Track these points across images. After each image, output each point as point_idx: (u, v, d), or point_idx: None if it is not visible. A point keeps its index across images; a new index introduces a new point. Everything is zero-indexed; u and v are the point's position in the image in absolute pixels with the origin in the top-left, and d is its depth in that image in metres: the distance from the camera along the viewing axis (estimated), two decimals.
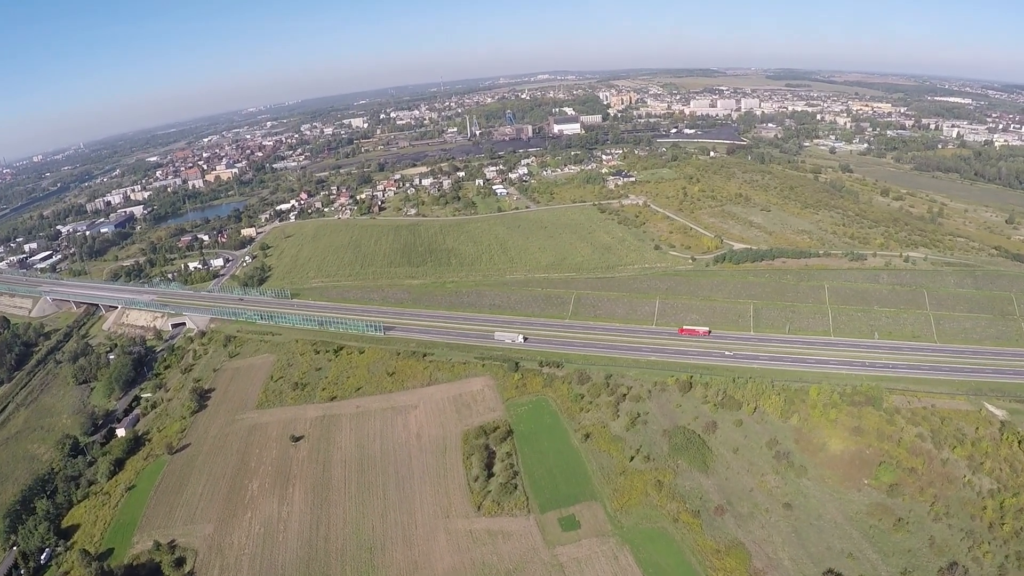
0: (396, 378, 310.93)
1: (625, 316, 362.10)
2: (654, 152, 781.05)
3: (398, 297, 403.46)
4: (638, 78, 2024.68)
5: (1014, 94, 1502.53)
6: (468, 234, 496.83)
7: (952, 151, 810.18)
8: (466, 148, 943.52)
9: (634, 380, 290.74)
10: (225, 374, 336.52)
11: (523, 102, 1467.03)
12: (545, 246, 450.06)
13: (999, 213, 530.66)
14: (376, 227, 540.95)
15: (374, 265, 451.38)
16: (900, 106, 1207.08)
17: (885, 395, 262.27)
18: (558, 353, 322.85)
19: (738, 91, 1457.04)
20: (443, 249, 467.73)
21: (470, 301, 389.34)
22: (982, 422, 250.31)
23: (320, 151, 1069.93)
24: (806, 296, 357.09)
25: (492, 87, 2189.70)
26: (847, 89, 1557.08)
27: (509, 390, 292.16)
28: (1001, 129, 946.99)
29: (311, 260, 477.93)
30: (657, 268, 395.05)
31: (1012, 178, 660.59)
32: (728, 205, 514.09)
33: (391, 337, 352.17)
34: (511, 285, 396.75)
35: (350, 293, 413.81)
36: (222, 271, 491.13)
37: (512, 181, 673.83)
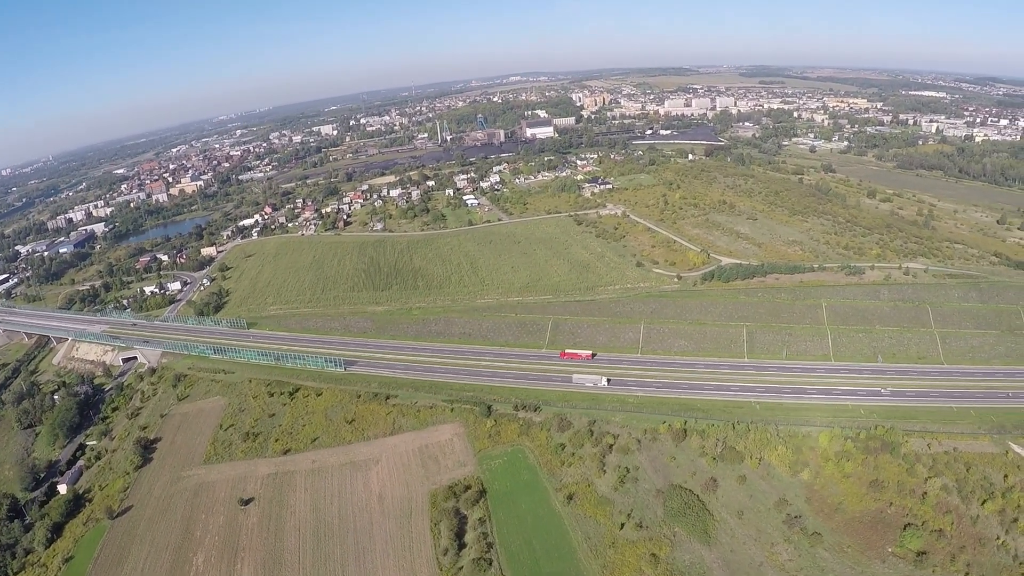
0: (356, 426, 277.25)
1: (607, 344, 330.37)
2: (630, 156, 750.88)
3: (361, 326, 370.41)
4: (611, 78, 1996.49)
5: (987, 86, 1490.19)
6: (437, 252, 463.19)
7: (933, 147, 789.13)
8: (436, 155, 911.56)
9: (621, 426, 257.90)
10: (173, 421, 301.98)
11: (495, 105, 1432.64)
12: (518, 264, 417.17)
13: (989, 213, 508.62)
14: (340, 244, 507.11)
15: (336, 289, 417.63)
16: (876, 101, 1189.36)
17: (902, 439, 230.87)
18: (535, 391, 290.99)
19: (712, 89, 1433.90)
20: (410, 270, 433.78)
21: (438, 330, 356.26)
22: (1010, 467, 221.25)
23: (287, 161, 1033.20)
24: (803, 316, 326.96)
25: (464, 90, 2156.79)
26: (821, 85, 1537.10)
27: (481, 439, 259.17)
28: (979, 123, 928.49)
29: (271, 284, 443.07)
30: (640, 288, 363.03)
31: (997, 174, 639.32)
32: (712, 213, 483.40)
33: (352, 375, 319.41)
34: (482, 311, 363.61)
35: (310, 322, 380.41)
36: (179, 296, 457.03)
37: (484, 190, 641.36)
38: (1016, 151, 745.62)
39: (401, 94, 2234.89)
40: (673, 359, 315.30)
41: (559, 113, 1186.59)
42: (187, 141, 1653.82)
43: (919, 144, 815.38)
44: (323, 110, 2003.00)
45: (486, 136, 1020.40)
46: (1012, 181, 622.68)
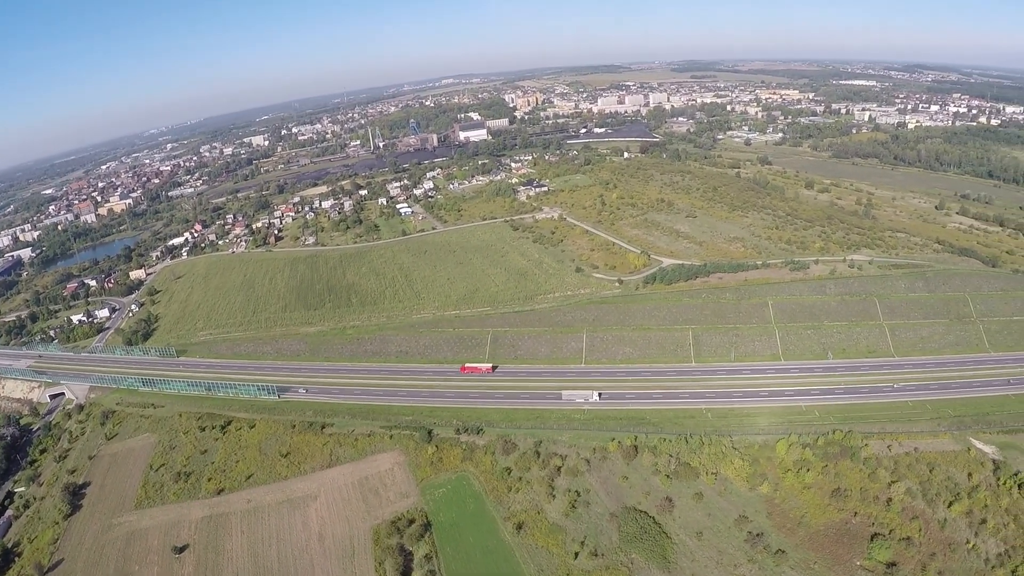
0: (292, 460, 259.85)
1: (549, 356, 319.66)
2: (565, 156, 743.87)
3: (294, 349, 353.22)
4: (543, 78, 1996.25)
5: (916, 74, 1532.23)
6: (370, 265, 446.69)
7: (867, 135, 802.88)
8: (369, 162, 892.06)
9: (568, 446, 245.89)
10: (102, 462, 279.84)
11: (427, 109, 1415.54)
12: (455, 276, 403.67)
13: (927, 199, 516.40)
14: (271, 261, 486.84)
15: (268, 310, 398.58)
16: (808, 92, 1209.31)
17: (861, 442, 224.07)
18: (478, 411, 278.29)
19: (645, 86, 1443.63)
20: (343, 286, 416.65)
21: (374, 349, 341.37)
22: (973, 465, 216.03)
23: (218, 174, 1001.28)
24: (749, 316, 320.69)
25: (396, 95, 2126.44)
26: (752, 78, 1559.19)
27: (423, 467, 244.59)
28: (911, 110, 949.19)
29: (200, 307, 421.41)
30: (581, 295, 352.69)
31: (932, 160, 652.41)
32: (650, 213, 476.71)
33: (286, 402, 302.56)
34: (419, 327, 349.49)
35: (241, 347, 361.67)
36: (107, 324, 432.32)
37: (417, 198, 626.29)
38: (949, 136, 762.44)
39: (333, 101, 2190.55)
40: (618, 368, 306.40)
41: (492, 115, 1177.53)
42: (117, 157, 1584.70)
43: (853, 133, 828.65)
44: (254, 120, 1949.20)
45: (419, 141, 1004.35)
46: (947, 166, 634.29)
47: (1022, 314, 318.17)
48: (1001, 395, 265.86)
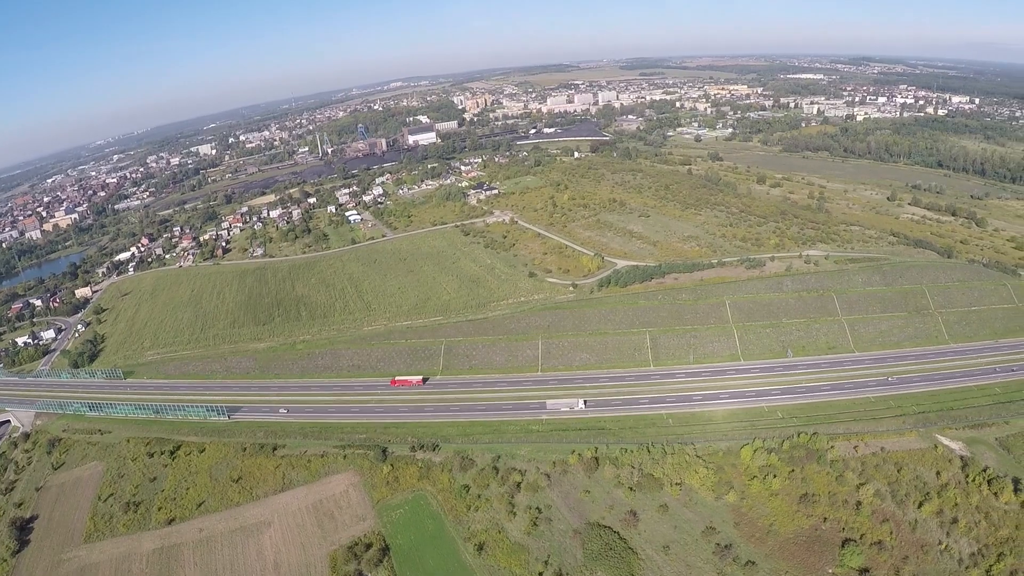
0: (244, 485, 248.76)
1: (505, 364, 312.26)
2: (515, 158, 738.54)
3: (243, 367, 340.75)
4: (492, 79, 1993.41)
5: (862, 66, 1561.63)
6: (320, 276, 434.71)
7: (816, 128, 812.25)
8: (318, 169, 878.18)
9: (527, 460, 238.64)
10: (49, 494, 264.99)
11: (376, 113, 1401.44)
12: (406, 285, 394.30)
13: (879, 190, 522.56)
14: (219, 275, 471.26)
15: (216, 326, 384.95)
16: (756, 87, 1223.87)
17: (827, 444, 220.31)
18: (433, 425, 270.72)
19: (594, 84, 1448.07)
20: (292, 299, 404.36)
21: (325, 364, 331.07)
22: (941, 462, 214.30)
23: (165, 185, 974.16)
24: (706, 316, 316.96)
25: (345, 99, 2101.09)
26: (701, 74, 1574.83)
27: (379, 487, 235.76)
28: (859, 102, 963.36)
29: (147, 325, 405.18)
30: (535, 301, 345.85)
31: (882, 151, 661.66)
32: (603, 213, 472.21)
33: (237, 423, 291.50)
34: (371, 339, 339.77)
35: (190, 366, 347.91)
36: (53, 345, 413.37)
37: (367, 204, 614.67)
38: (898, 127, 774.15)
39: (281, 107, 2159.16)
40: (576, 374, 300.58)
41: (441, 117, 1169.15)
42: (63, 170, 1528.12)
43: (802, 126, 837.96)
44: (202, 128, 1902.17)
45: (368, 146, 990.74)
46: (897, 157, 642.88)
47: (979, 304, 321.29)
48: (963, 387, 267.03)
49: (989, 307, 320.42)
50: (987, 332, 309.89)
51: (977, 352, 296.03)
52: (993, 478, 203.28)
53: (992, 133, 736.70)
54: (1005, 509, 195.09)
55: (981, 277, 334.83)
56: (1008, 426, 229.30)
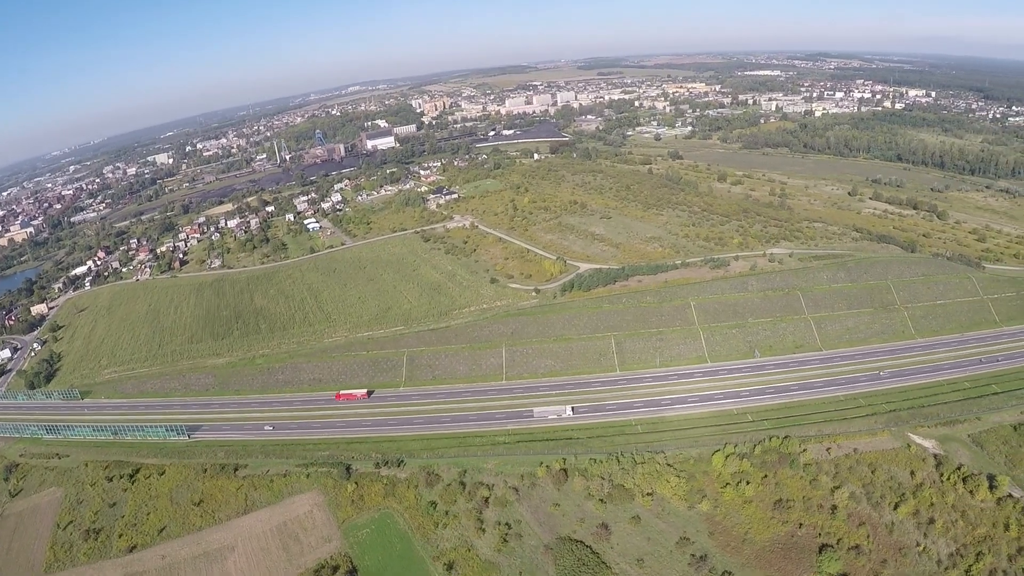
0: (205, 508, 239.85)
1: (468, 374, 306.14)
2: (475, 161, 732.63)
3: (203, 383, 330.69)
4: (450, 81, 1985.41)
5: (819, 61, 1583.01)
6: (279, 287, 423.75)
7: (775, 125, 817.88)
8: (276, 176, 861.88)
9: (495, 474, 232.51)
10: (7, 523, 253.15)
11: (334, 119, 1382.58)
12: (366, 294, 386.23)
13: (840, 185, 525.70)
14: (177, 288, 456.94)
15: (174, 342, 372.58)
16: (714, 84, 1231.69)
17: (799, 447, 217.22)
18: (397, 439, 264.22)
19: (552, 85, 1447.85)
20: (251, 311, 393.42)
21: (286, 379, 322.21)
22: (915, 461, 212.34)
23: (122, 196, 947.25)
24: (672, 319, 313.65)
25: (303, 104, 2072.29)
26: (659, 72, 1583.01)
27: (344, 507, 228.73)
28: (816, 98, 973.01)
29: (105, 342, 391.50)
30: (497, 308, 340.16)
31: (841, 146, 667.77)
32: (564, 216, 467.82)
33: (197, 443, 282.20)
34: (331, 352, 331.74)
35: (148, 384, 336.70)
36: (9, 365, 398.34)
37: (325, 212, 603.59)
38: (856, 122, 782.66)
39: (239, 113, 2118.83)
40: (541, 382, 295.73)
41: (400, 121, 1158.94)
42: (19, 183, 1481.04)
43: (761, 123, 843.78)
44: (159, 137, 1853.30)
45: (326, 152, 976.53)
46: (856, 152, 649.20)
47: (945, 298, 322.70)
48: (932, 382, 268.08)
49: (954, 301, 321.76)
50: (953, 326, 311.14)
51: (944, 346, 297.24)
52: (968, 476, 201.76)
53: (950, 126, 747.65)
54: (981, 507, 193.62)
55: (945, 271, 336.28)
56: (980, 422, 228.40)
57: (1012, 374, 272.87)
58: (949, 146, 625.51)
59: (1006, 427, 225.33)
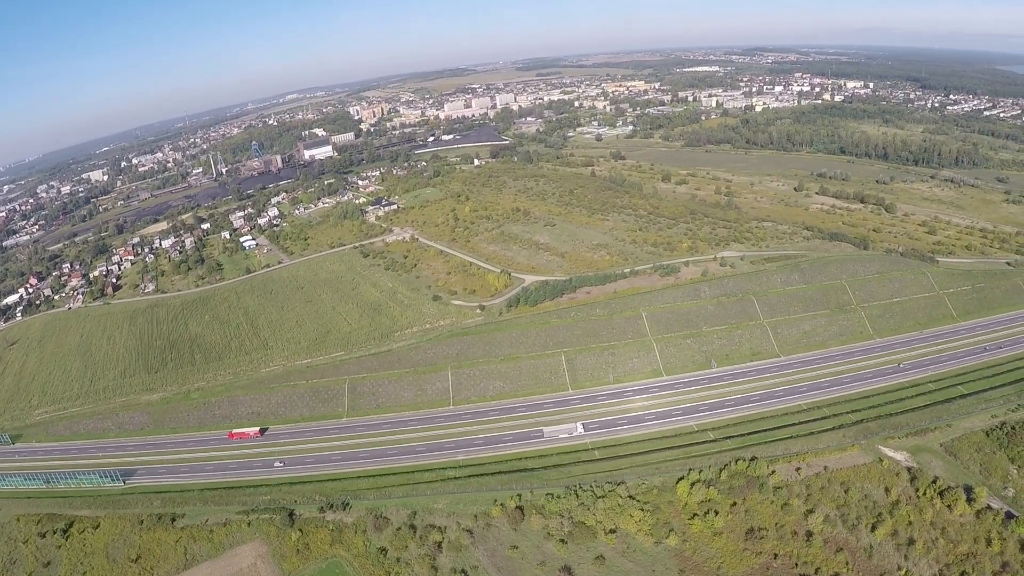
0: (144, 565, 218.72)
1: (414, 400, 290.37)
2: (414, 169, 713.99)
3: (137, 422, 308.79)
4: (388, 87, 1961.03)
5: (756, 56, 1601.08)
6: (214, 312, 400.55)
7: (717, 121, 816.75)
8: (212, 191, 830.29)
9: (447, 514, 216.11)
10: None
11: (271, 129, 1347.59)
12: (304, 317, 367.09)
13: (785, 181, 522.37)
14: (109, 316, 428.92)
15: (107, 376, 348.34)
16: (653, 82, 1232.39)
17: (767, 469, 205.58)
18: (342, 478, 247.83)
19: (491, 87, 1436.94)
20: (186, 340, 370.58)
21: (223, 414, 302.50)
22: (888, 477, 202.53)
23: (55, 217, 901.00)
24: (623, 331, 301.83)
25: (240, 115, 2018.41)
26: (598, 71, 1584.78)
27: (289, 558, 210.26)
28: (756, 92, 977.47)
29: (36, 378, 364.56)
30: (441, 327, 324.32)
31: (784, 141, 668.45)
32: (507, 224, 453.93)
33: (132, 489, 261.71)
34: (269, 382, 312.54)
35: (80, 424, 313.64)
36: None
37: (262, 228, 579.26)
38: (797, 116, 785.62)
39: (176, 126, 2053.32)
40: (490, 406, 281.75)
41: (337, 129, 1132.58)
42: None
43: (703, 120, 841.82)
44: (95, 152, 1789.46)
45: (263, 164, 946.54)
46: (799, 146, 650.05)
47: (901, 295, 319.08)
48: (895, 383, 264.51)
49: (911, 297, 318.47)
50: (911, 323, 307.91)
51: (904, 345, 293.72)
52: (945, 489, 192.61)
53: (890, 117, 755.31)
54: (961, 522, 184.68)
55: (900, 267, 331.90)
56: (951, 429, 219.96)
57: (975, 371, 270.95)
58: (892, 137, 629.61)
59: (978, 433, 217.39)
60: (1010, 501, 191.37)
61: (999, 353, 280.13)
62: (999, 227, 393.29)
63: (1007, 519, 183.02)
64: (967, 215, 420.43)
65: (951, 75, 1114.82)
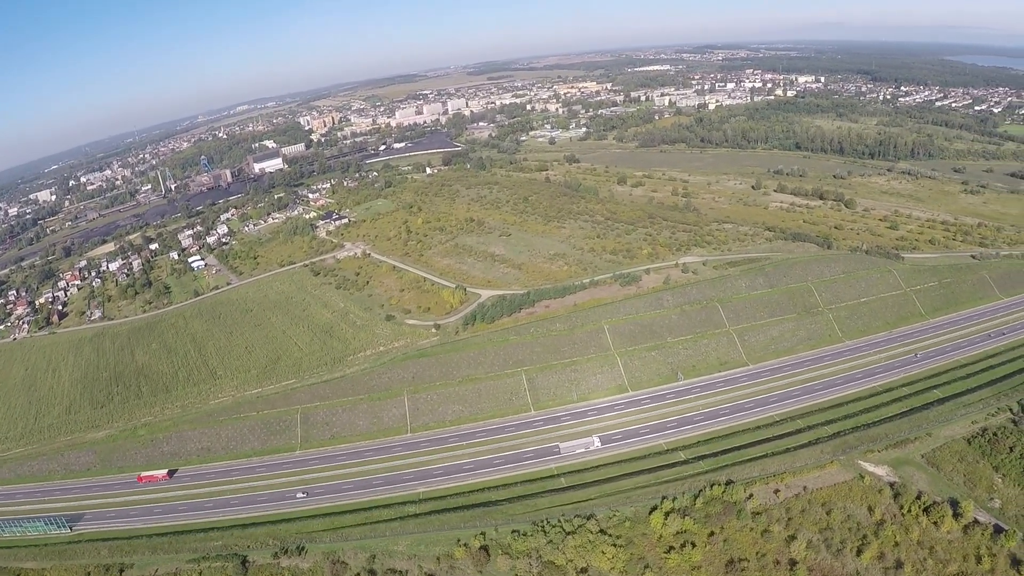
0: None
1: (370, 429, 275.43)
2: (365, 180, 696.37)
3: (83, 462, 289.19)
4: (339, 95, 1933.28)
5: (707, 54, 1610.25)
6: (161, 339, 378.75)
7: (671, 120, 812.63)
8: (161, 209, 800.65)
9: (408, 557, 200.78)
10: None
11: (221, 142, 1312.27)
12: (253, 342, 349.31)
13: (742, 179, 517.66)
14: (55, 347, 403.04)
15: (51, 413, 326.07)
16: (605, 82, 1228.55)
17: (744, 493, 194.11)
18: (297, 519, 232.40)
19: (443, 93, 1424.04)
20: (132, 371, 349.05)
21: (171, 451, 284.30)
22: (870, 494, 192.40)
23: (2, 241, 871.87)
24: (585, 346, 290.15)
25: (190, 128, 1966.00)
26: (549, 73, 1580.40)
27: None
28: (708, 90, 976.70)
29: None
30: (395, 349, 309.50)
31: (739, 138, 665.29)
32: (460, 236, 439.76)
33: (80, 536, 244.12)
34: (218, 415, 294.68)
35: (25, 466, 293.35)
36: None
37: (211, 246, 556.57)
38: (751, 112, 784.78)
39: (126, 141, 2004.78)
40: (449, 431, 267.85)
41: (288, 140, 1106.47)
42: None
43: (656, 119, 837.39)
44: (43, 171, 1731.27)
45: (212, 179, 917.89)
46: (755, 143, 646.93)
47: (868, 295, 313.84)
48: (867, 388, 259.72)
49: (878, 296, 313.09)
50: (880, 323, 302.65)
51: (874, 347, 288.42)
52: (930, 505, 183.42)
53: (844, 110, 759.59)
54: (949, 539, 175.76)
55: (866, 266, 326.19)
56: (931, 439, 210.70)
57: (948, 371, 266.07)
58: (847, 131, 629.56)
59: (959, 442, 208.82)
60: (997, 513, 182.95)
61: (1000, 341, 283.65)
62: (960, 219, 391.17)
63: (996, 533, 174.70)
64: (927, 207, 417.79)
65: (901, 67, 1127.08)
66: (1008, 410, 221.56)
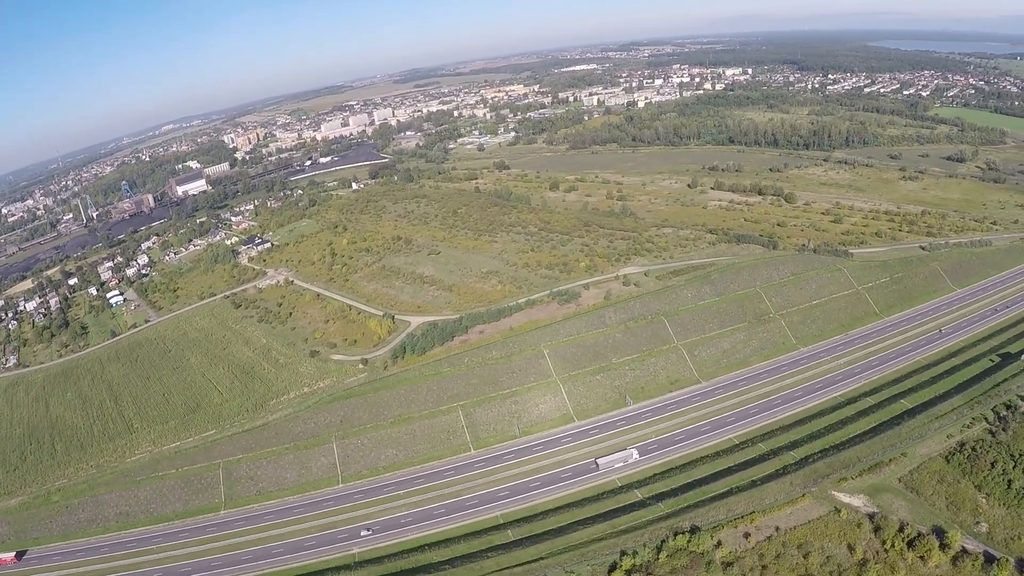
0: None
1: (298, 481, 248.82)
2: (289, 199, 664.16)
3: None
4: (265, 110, 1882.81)
5: (632, 51, 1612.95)
6: (76, 388, 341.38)
7: (601, 120, 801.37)
8: (82, 239, 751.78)
9: None
10: None
11: (144, 165, 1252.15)
12: (171, 387, 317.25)
13: (677, 177, 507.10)
14: None
15: None
16: (532, 85, 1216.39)
17: (711, 539, 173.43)
18: None
19: (369, 103, 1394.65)
20: (45, 426, 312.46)
21: (88, 517, 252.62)
22: (848, 530, 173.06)
23: None
24: (525, 374, 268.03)
25: (115, 151, 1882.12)
26: (476, 78, 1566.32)
27: None
28: (637, 88, 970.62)
29: None
30: (321, 390, 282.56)
31: (671, 135, 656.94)
32: (388, 256, 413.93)
33: None
34: (136, 474, 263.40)
35: None
36: None
37: (131, 279, 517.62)
38: (682, 108, 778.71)
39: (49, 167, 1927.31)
40: (384, 479, 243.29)
41: (212, 160, 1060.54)
42: None
43: (586, 120, 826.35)
44: None
45: (134, 205, 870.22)
46: (687, 139, 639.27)
47: (819, 297, 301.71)
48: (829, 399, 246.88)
49: (830, 298, 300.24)
50: (834, 326, 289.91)
51: (831, 352, 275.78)
52: (914, 537, 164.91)
53: (775, 102, 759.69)
54: (938, 574, 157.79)
55: (814, 265, 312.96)
56: (907, 459, 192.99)
57: (912, 375, 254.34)
58: (780, 122, 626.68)
59: (937, 460, 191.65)
60: (985, 539, 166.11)
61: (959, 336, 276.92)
62: (903, 207, 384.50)
63: (987, 562, 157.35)
64: (868, 197, 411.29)
65: (826, 55, 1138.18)
66: (984, 419, 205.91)
